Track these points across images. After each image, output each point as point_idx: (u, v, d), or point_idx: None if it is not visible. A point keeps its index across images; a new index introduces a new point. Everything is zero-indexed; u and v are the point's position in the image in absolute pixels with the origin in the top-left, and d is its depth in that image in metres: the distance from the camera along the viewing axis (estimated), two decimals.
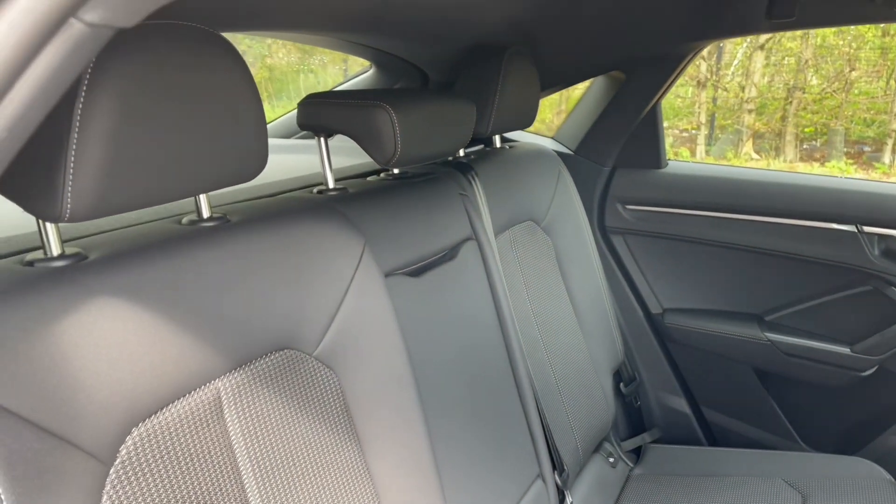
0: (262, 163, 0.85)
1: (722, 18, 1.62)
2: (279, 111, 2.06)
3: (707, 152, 8.54)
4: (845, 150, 8.21)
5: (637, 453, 1.86)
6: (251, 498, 0.83)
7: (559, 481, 1.47)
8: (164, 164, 0.71)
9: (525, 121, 1.60)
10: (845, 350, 1.80)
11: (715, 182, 1.93)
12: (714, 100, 8.80)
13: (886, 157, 7.80)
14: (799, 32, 7.35)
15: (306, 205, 0.99)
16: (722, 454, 1.78)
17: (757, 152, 8.49)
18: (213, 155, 0.76)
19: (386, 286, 1.02)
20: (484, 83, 1.44)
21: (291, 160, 1.55)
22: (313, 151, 1.64)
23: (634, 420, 2.01)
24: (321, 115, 1.14)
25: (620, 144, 1.98)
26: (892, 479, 1.57)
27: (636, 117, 1.93)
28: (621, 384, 1.94)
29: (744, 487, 1.60)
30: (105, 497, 0.68)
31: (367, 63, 1.86)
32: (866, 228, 1.72)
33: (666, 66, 1.82)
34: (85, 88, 0.62)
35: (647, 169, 1.99)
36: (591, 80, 2.01)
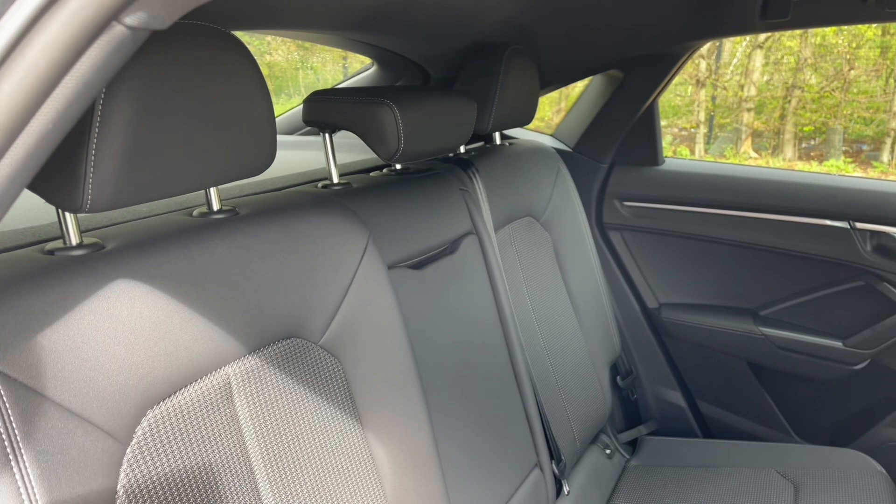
0: (271, 157, 0.88)
1: (717, 19, 1.65)
2: (279, 108, 2.09)
3: (706, 151, 8.57)
4: (844, 148, 8.24)
5: (633, 445, 1.90)
6: (259, 480, 0.86)
7: (556, 470, 1.50)
8: (178, 158, 0.74)
9: (525, 118, 1.64)
10: (838, 344, 1.83)
11: (710, 179, 1.96)
12: (713, 98, 8.82)
13: (885, 156, 7.83)
14: (798, 31, 7.38)
15: (312, 199, 1.02)
16: (716, 446, 1.82)
17: (756, 151, 8.51)
18: (225, 149, 0.80)
19: (389, 278, 1.05)
20: (485, 81, 1.47)
21: (294, 156, 1.58)
22: (314, 148, 1.68)
23: (631, 413, 2.05)
24: (326, 111, 1.17)
25: (618, 142, 2.01)
26: (884, 471, 1.61)
27: (633, 115, 1.96)
28: (618, 377, 1.97)
29: (737, 478, 1.63)
30: (122, 475, 0.71)
31: (367, 60, 1.89)
32: (858, 225, 1.76)
33: (663, 66, 1.86)
34: (105, 86, 0.65)
35: (644, 166, 2.02)
36: (590, 78, 2.04)
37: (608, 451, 1.79)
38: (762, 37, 7.98)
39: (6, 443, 0.60)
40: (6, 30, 0.31)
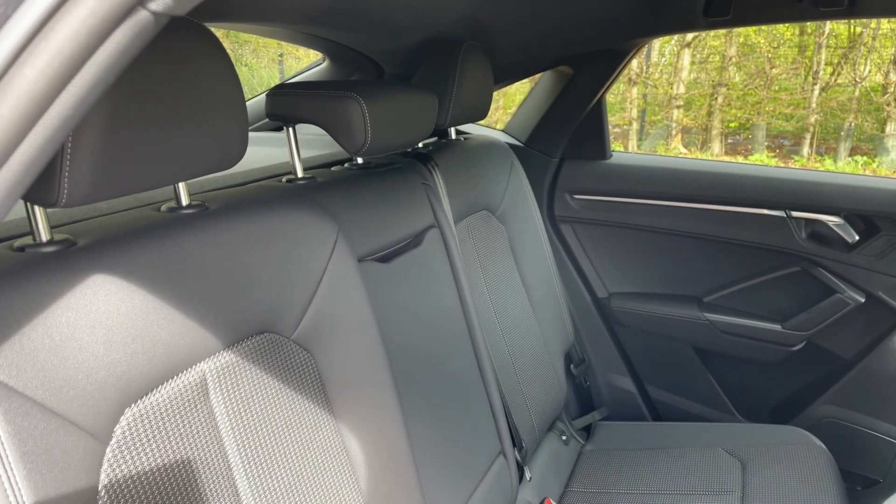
0: (242, 150, 0.87)
1: (662, 17, 1.71)
2: None
3: (639, 147, 8.82)
4: (766, 143, 8.62)
5: (587, 431, 1.95)
6: (237, 475, 0.85)
7: (519, 458, 1.53)
8: (153, 152, 0.73)
9: (480, 113, 1.66)
10: (777, 327, 1.93)
11: (656, 172, 2.03)
12: (644, 96, 9.08)
13: (805, 150, 8.23)
14: (722, 31, 7.68)
15: (280, 193, 1.02)
16: (666, 428, 1.89)
17: (685, 146, 8.81)
18: (199, 141, 0.78)
19: (359, 271, 1.05)
20: (442, 76, 1.49)
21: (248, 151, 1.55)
22: (265, 144, 1.65)
23: (584, 399, 2.10)
24: (290, 104, 1.16)
25: (568, 136, 2.06)
26: (822, 445, 1.71)
27: (582, 110, 2.01)
28: (571, 366, 2.02)
29: (688, 458, 1.70)
30: (103, 475, 0.69)
31: (306, 59, 1.87)
32: (794, 213, 1.85)
33: (610, 62, 1.91)
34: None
35: (593, 160, 2.08)
36: (540, 74, 2.08)
37: (564, 438, 1.84)
38: (689, 36, 8.27)
39: None
40: (31, 13, 0.31)
